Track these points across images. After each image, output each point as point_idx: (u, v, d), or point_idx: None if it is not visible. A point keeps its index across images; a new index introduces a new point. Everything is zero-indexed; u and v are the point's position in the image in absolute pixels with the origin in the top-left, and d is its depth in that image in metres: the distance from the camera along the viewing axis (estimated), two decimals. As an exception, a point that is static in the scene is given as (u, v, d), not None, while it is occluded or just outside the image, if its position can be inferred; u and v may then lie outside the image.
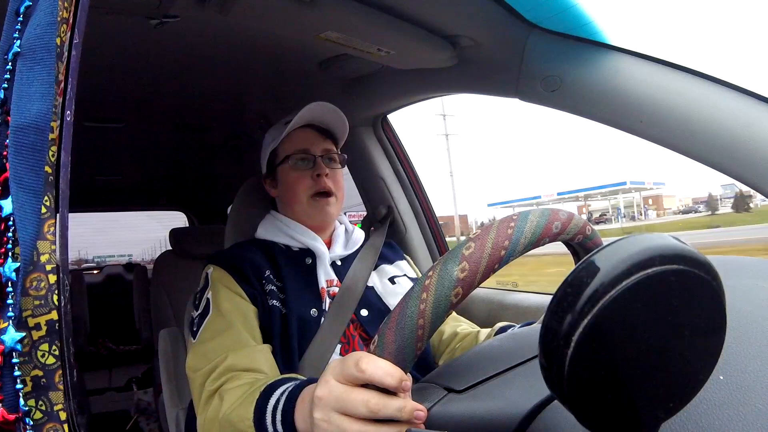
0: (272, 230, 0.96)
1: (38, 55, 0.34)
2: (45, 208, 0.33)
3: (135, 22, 0.89)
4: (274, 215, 0.99)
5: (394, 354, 0.37)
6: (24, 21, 0.35)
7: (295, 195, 0.94)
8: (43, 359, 0.32)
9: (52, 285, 0.33)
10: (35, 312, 0.32)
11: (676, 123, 0.74)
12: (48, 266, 0.33)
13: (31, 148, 0.33)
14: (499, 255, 0.40)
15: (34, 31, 0.34)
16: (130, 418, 2.35)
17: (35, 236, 0.33)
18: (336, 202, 0.95)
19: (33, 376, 0.32)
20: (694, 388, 0.30)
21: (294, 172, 0.94)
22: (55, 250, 0.34)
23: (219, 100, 1.51)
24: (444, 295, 0.37)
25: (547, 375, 0.29)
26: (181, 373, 1.10)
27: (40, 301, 0.32)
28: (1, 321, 0.31)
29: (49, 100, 0.34)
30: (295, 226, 0.94)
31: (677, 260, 0.28)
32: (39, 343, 0.32)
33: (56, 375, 0.32)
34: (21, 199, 0.32)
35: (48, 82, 0.34)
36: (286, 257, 0.91)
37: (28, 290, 0.32)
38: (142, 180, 2.64)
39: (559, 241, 0.48)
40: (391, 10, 0.86)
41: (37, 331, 0.32)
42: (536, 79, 0.89)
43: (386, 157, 1.43)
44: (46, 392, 0.32)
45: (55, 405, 0.32)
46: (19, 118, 0.33)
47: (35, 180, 0.33)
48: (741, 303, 0.42)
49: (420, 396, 0.45)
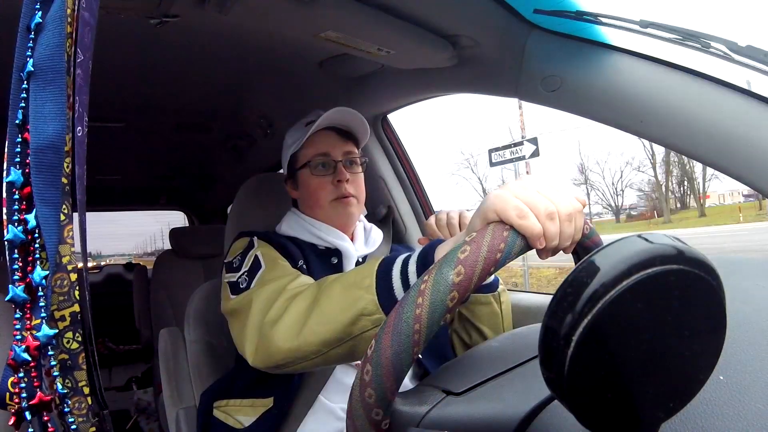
0: (297, 228, 0.95)
1: (49, 76, 0.37)
2: (64, 216, 0.37)
3: (135, 22, 0.89)
4: (296, 213, 0.98)
5: (391, 358, 0.37)
6: (35, 38, 0.37)
7: (317, 200, 0.93)
8: (68, 345, 0.38)
9: (73, 282, 0.38)
10: (60, 306, 0.38)
11: (676, 123, 0.74)
12: (69, 266, 0.38)
13: (50, 166, 0.37)
14: (495, 258, 0.40)
15: (44, 52, 0.37)
16: (130, 418, 2.35)
17: (57, 242, 0.37)
18: (357, 204, 0.95)
19: (60, 359, 0.37)
20: (694, 388, 0.30)
21: (315, 178, 0.93)
22: (74, 251, 0.38)
23: (219, 99, 1.51)
24: (440, 299, 0.37)
25: (547, 375, 0.29)
26: (181, 373, 1.10)
27: (63, 297, 0.38)
28: (34, 319, 0.36)
29: (62, 119, 0.37)
30: (321, 226, 0.93)
31: (677, 260, 0.28)
32: (64, 331, 0.38)
33: (80, 357, 0.38)
34: (44, 212, 0.37)
35: (60, 102, 0.37)
36: (313, 254, 0.90)
37: (54, 288, 0.37)
38: (142, 180, 2.64)
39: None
40: (391, 9, 0.85)
41: (62, 322, 0.38)
42: (536, 79, 0.89)
43: (386, 157, 1.43)
44: (72, 372, 0.38)
45: (79, 382, 0.38)
46: (38, 139, 0.36)
47: (54, 194, 0.37)
48: (741, 303, 0.41)
49: (418, 399, 0.44)
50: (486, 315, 0.89)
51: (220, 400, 0.88)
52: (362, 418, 0.39)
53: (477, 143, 41.63)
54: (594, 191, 26.20)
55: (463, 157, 31.25)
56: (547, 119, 30.16)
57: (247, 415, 0.82)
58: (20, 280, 0.36)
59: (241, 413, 0.83)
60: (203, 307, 1.08)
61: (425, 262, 0.54)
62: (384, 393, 0.38)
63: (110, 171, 2.37)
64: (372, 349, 0.38)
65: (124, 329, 3.13)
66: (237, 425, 0.83)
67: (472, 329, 0.90)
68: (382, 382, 0.37)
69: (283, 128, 1.20)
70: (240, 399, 0.84)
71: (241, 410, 0.83)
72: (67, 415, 0.37)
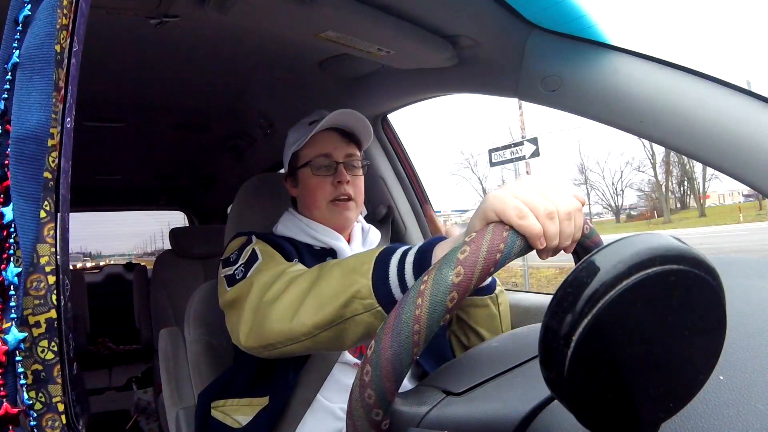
0: (293, 228, 0.95)
1: (37, 65, 0.35)
2: (45, 213, 0.35)
3: (135, 22, 0.89)
4: (293, 214, 0.98)
5: (391, 359, 0.37)
6: (23, 30, 0.35)
7: (315, 200, 0.93)
8: (42, 354, 0.34)
9: (51, 285, 0.35)
10: (35, 311, 0.34)
11: (676, 123, 0.74)
12: (47, 268, 0.35)
13: (31, 157, 0.34)
14: (495, 258, 0.40)
15: (33, 41, 0.35)
16: (130, 418, 2.35)
17: (35, 240, 0.34)
18: (355, 207, 0.95)
19: (33, 370, 0.34)
20: (694, 388, 0.30)
21: (315, 178, 0.93)
22: (54, 252, 0.35)
23: (219, 99, 1.51)
24: (439, 300, 0.37)
25: (547, 375, 0.29)
26: (181, 373, 1.10)
27: (39, 300, 0.34)
28: (5, 321, 0.33)
29: (48, 110, 0.35)
30: (317, 226, 0.94)
31: (677, 260, 0.28)
32: (39, 339, 0.34)
33: (55, 369, 0.34)
34: (21, 206, 0.34)
35: (47, 93, 0.35)
36: (309, 254, 0.91)
37: (29, 291, 0.34)
38: (142, 180, 2.64)
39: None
40: (391, 9, 0.86)
41: (37, 328, 0.34)
42: (536, 79, 0.89)
43: (386, 157, 1.43)
44: (46, 385, 0.34)
45: (53, 397, 0.34)
46: (20, 129, 0.34)
47: (34, 188, 0.34)
48: (741, 303, 0.41)
49: (418, 399, 0.44)
50: (483, 317, 0.89)
51: (217, 400, 0.88)
52: (362, 419, 0.39)
53: (477, 143, 41.67)
54: (594, 191, 26.21)
55: (463, 157, 31.28)
56: (547, 119, 30.22)
57: (245, 415, 0.82)
58: (-9, 279, 0.33)
59: (239, 413, 0.83)
60: (203, 307, 1.08)
61: (423, 258, 0.55)
62: (384, 393, 0.38)
63: (110, 171, 2.38)
64: (372, 349, 0.38)
65: (124, 329, 3.13)
66: (235, 425, 0.83)
67: (470, 331, 0.90)
68: (382, 383, 0.37)
69: (283, 128, 1.20)
70: (237, 399, 0.84)
71: (239, 410, 0.83)
72: (35, 431, 0.33)
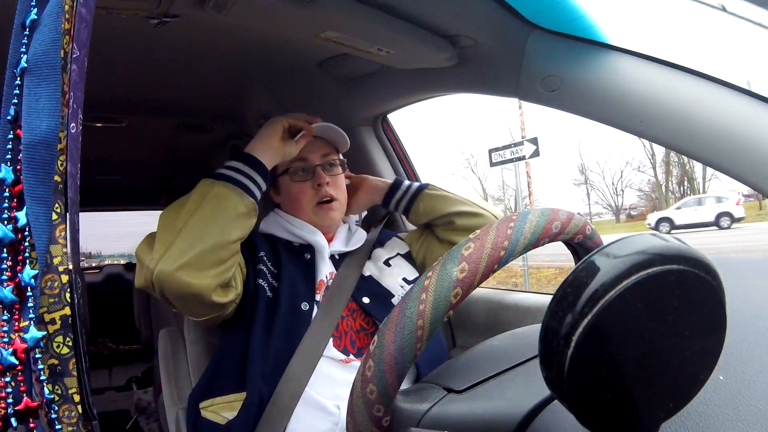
0: (274, 225, 0.98)
1: (44, 71, 0.36)
2: (56, 215, 0.36)
3: (135, 22, 0.89)
4: (277, 212, 1.01)
5: (394, 354, 0.37)
6: (30, 35, 0.36)
7: (299, 206, 0.96)
8: (58, 349, 0.36)
9: (64, 284, 0.37)
10: (50, 309, 0.36)
11: (676, 123, 0.74)
12: (60, 267, 0.36)
13: (42, 162, 0.36)
14: (499, 255, 0.40)
15: (39, 47, 0.36)
16: (130, 418, 2.35)
17: (48, 242, 0.36)
18: (339, 206, 0.97)
19: (50, 364, 0.36)
20: (694, 388, 0.30)
21: (295, 185, 0.96)
22: (66, 252, 0.37)
23: (219, 99, 1.51)
24: (443, 295, 0.37)
25: (547, 375, 0.29)
26: (181, 373, 1.10)
27: (54, 299, 0.36)
28: (23, 320, 0.35)
29: (56, 116, 0.36)
30: (294, 221, 0.96)
31: (677, 260, 0.28)
32: (54, 335, 0.36)
33: (70, 363, 0.36)
34: (35, 210, 0.36)
35: (54, 99, 0.36)
36: (286, 250, 0.93)
37: (44, 290, 0.36)
38: (142, 180, 2.64)
39: (559, 241, 0.48)
40: (391, 9, 0.86)
41: (53, 325, 0.36)
42: (536, 79, 0.89)
43: (386, 157, 1.43)
44: (62, 378, 0.36)
45: (69, 389, 0.36)
46: (30, 135, 0.35)
47: (46, 191, 0.36)
48: (741, 303, 0.41)
49: (419, 396, 0.44)
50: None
51: (204, 400, 0.89)
52: (363, 414, 0.39)
53: (477, 143, 41.63)
54: (594, 191, 26.15)
55: (463, 157, 31.22)
56: (547, 119, 30.13)
57: (232, 410, 0.83)
58: (9, 280, 0.35)
59: (227, 409, 0.83)
60: (203, 307, 1.08)
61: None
62: (386, 389, 0.38)
63: (110, 171, 2.37)
64: (374, 344, 0.38)
65: (124, 329, 3.12)
66: (223, 421, 0.83)
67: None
68: (384, 378, 0.37)
69: (283, 128, 1.19)
70: (222, 396, 0.85)
71: (226, 406, 0.84)
72: (55, 422, 0.35)
